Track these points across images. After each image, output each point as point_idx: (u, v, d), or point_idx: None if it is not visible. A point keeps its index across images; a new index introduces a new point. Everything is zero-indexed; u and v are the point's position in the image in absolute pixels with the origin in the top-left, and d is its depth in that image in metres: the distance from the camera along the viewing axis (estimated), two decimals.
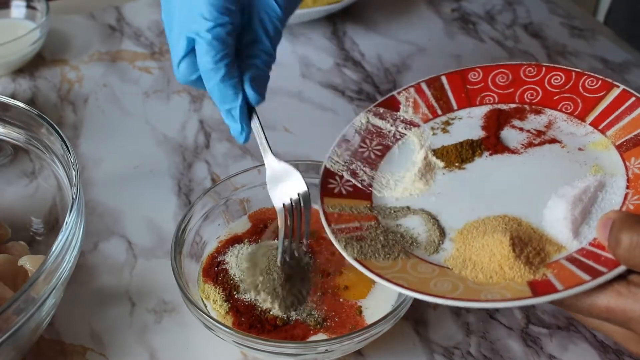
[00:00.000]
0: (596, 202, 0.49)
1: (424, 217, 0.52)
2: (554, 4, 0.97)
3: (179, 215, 0.67)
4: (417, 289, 0.46)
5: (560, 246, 0.48)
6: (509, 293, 0.44)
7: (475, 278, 0.47)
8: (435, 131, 0.59)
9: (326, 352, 0.50)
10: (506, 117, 0.58)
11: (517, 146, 0.55)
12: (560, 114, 0.57)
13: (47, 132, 0.58)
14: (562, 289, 0.43)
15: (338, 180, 0.56)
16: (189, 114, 0.80)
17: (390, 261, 0.49)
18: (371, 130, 0.59)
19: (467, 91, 0.60)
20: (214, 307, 0.55)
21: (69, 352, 0.56)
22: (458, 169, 0.55)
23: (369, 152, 0.58)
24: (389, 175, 0.57)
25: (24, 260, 0.55)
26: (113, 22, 0.95)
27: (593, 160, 0.52)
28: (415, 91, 0.61)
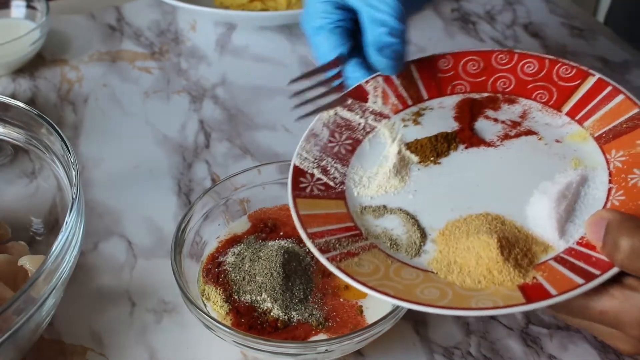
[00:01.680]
0: (579, 198, 0.48)
1: (402, 217, 0.51)
2: (554, 4, 0.97)
3: (179, 215, 0.67)
4: (404, 297, 0.44)
5: (547, 246, 0.46)
6: (501, 300, 0.43)
7: (463, 283, 0.45)
8: (407, 123, 0.57)
9: (326, 352, 0.50)
10: (479, 107, 0.56)
11: (492, 138, 0.54)
12: (535, 104, 0.55)
13: (47, 132, 0.58)
14: (556, 293, 0.42)
15: (309, 178, 0.53)
16: (189, 114, 0.80)
17: (372, 266, 0.47)
18: (340, 123, 0.57)
19: (438, 80, 0.58)
20: (214, 307, 0.55)
21: (69, 352, 0.56)
22: (434, 164, 0.54)
23: (338, 147, 0.56)
24: (361, 171, 0.55)
25: (24, 260, 0.55)
26: (113, 22, 0.95)
27: (572, 152, 0.51)
28: (384, 80, 0.58)
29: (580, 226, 0.47)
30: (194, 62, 0.88)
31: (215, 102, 0.82)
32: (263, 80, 0.85)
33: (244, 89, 0.84)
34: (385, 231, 0.50)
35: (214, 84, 0.84)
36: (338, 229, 0.50)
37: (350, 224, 0.51)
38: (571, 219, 0.47)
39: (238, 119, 0.79)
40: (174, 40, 0.92)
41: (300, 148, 0.55)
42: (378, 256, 0.49)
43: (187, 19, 0.95)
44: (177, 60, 0.88)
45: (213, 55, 0.89)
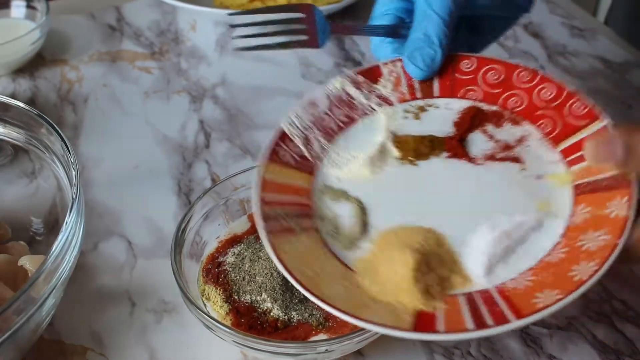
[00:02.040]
0: (524, 242, 0.46)
1: (355, 207, 0.50)
2: (554, 4, 0.97)
3: (179, 215, 0.67)
4: (307, 285, 0.43)
5: (469, 280, 0.45)
6: (390, 319, 0.42)
7: (370, 290, 0.45)
8: (408, 115, 0.55)
9: (326, 352, 0.50)
10: (482, 119, 0.54)
11: (477, 155, 0.52)
12: (536, 132, 0.52)
13: (47, 132, 0.58)
14: (442, 331, 0.41)
15: (288, 146, 0.53)
16: (189, 114, 0.80)
17: (301, 248, 0.47)
18: (343, 98, 0.56)
19: (454, 80, 0.56)
20: (214, 307, 0.55)
21: (69, 352, 0.56)
22: (410, 164, 0.52)
23: (331, 122, 0.55)
24: (342, 152, 0.54)
25: (24, 260, 0.55)
26: (113, 22, 0.95)
27: (545, 194, 0.48)
28: (402, 66, 0.56)
29: (511, 271, 0.45)
30: (194, 62, 0.88)
31: (215, 102, 0.82)
32: (263, 80, 0.85)
33: (244, 89, 0.84)
34: (335, 217, 0.50)
35: (214, 84, 0.84)
36: (291, 202, 0.50)
37: (305, 201, 0.50)
38: (505, 260, 0.45)
39: (238, 119, 0.79)
40: (174, 40, 0.92)
41: (292, 113, 0.54)
42: (313, 241, 0.48)
43: (187, 19, 0.95)
44: (177, 60, 0.88)
45: (213, 55, 0.89)
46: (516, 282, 0.44)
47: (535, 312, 0.41)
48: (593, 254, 0.42)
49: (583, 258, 0.43)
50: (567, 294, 0.41)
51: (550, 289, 0.42)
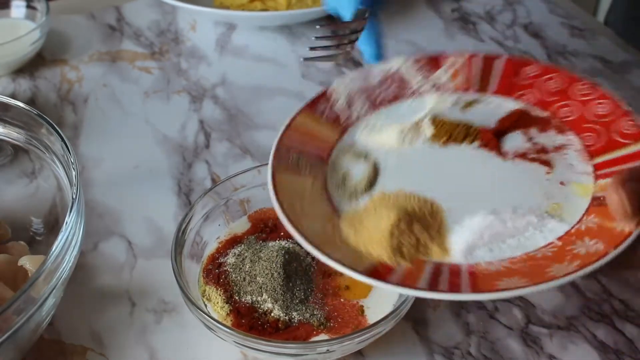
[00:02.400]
0: (519, 236, 0.46)
1: (369, 169, 0.52)
2: (553, 4, 0.97)
3: (179, 215, 0.67)
4: (290, 214, 0.47)
5: (446, 252, 0.46)
6: (350, 260, 0.44)
7: (345, 234, 0.47)
8: (456, 105, 0.57)
9: (327, 352, 0.50)
10: (528, 122, 0.55)
11: (509, 151, 0.53)
12: (577, 143, 0.52)
13: (47, 132, 0.58)
14: (392, 282, 0.43)
15: (330, 102, 0.56)
16: (189, 114, 0.80)
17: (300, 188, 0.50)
18: (398, 76, 0.58)
19: (514, 82, 0.57)
20: (215, 308, 0.55)
21: (69, 352, 0.56)
22: (440, 145, 0.54)
23: (380, 94, 0.57)
24: (381, 120, 0.56)
25: (24, 260, 0.55)
26: (113, 22, 0.95)
27: (562, 198, 0.49)
28: (467, 59, 0.58)
29: (491, 256, 0.45)
30: (194, 62, 0.88)
31: (215, 102, 0.82)
32: (263, 80, 0.85)
33: (244, 89, 0.84)
34: (347, 171, 0.52)
35: (214, 84, 0.84)
36: (310, 150, 0.53)
37: (324, 153, 0.53)
38: (490, 246, 0.46)
39: (238, 119, 0.79)
40: (174, 40, 0.92)
41: (347, 75, 0.57)
42: (317, 186, 0.51)
43: (187, 19, 0.95)
44: (177, 60, 0.88)
45: (213, 55, 0.89)
46: (491, 265, 0.45)
47: (490, 291, 0.42)
48: (578, 257, 0.43)
49: (567, 260, 0.43)
50: (533, 284, 0.41)
51: (519, 277, 0.43)
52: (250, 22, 0.93)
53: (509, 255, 0.45)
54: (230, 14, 0.90)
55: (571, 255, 0.43)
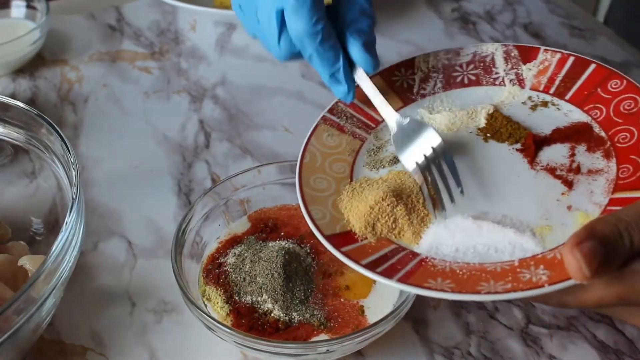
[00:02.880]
0: (491, 246, 0.46)
1: (404, 145, 0.53)
2: (553, 4, 0.97)
3: (179, 215, 0.67)
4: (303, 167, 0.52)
5: (415, 241, 0.48)
6: (324, 223, 0.48)
7: (342, 197, 0.51)
8: (527, 103, 0.57)
9: (327, 352, 0.50)
10: (582, 138, 0.53)
11: (542, 162, 0.52)
12: (614, 172, 0.50)
13: (47, 132, 0.58)
14: (343, 251, 0.46)
15: (406, 73, 0.58)
16: (189, 114, 0.80)
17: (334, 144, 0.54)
18: (485, 61, 0.59)
19: (592, 93, 0.55)
20: (215, 308, 0.55)
21: (69, 352, 0.56)
22: (483, 139, 0.54)
23: (460, 75, 0.58)
24: (447, 102, 0.57)
25: (24, 260, 0.55)
26: (113, 22, 0.95)
27: (557, 223, 0.47)
28: (558, 59, 0.57)
29: (450, 257, 0.46)
30: (194, 62, 0.88)
31: (215, 102, 0.82)
32: (263, 80, 0.85)
33: (244, 89, 0.84)
34: (386, 141, 0.55)
35: (214, 84, 0.84)
36: (365, 112, 0.57)
37: (379, 118, 0.56)
38: (457, 246, 0.47)
39: (238, 119, 0.79)
40: (174, 40, 0.92)
41: (434, 52, 0.59)
42: (351, 145, 0.55)
43: (187, 19, 0.95)
44: (177, 60, 0.88)
45: (213, 55, 0.89)
46: (443, 263, 0.46)
47: (412, 285, 0.44)
48: (515, 281, 0.43)
49: (504, 280, 0.43)
50: (451, 292, 0.43)
51: (450, 281, 0.44)
52: None
53: (467, 260, 0.46)
54: (230, 14, 0.90)
55: (512, 278, 0.43)
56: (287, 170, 0.62)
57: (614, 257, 0.40)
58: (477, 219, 0.48)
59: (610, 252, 0.40)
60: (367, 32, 0.52)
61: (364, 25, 0.52)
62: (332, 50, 0.51)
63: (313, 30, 0.50)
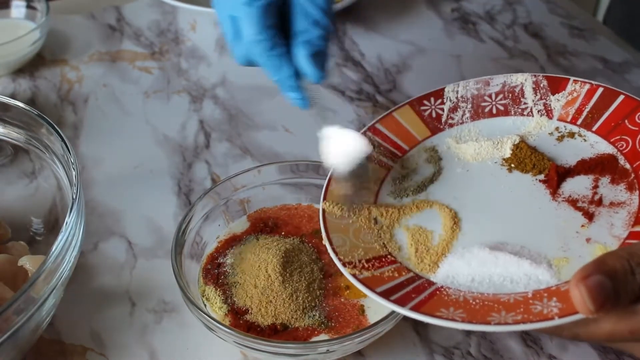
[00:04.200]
0: (507, 276, 0.46)
1: (430, 174, 0.55)
2: (553, 4, 0.97)
3: (179, 215, 0.67)
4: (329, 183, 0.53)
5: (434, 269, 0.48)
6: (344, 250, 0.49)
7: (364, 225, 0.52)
8: (554, 133, 0.57)
9: (327, 352, 0.50)
10: (606, 170, 0.53)
11: (564, 193, 0.53)
12: (636, 205, 0.50)
13: (47, 132, 0.58)
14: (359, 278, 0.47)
15: (435, 102, 0.59)
16: (189, 114, 0.80)
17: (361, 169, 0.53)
18: (514, 91, 0.59)
19: (620, 125, 0.55)
20: (213, 308, 0.55)
21: (69, 352, 0.56)
22: (507, 170, 0.55)
23: (488, 105, 0.59)
24: (475, 132, 0.58)
25: (24, 260, 0.55)
26: (113, 22, 0.95)
27: (575, 255, 0.48)
28: (587, 90, 0.57)
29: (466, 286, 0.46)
30: (194, 62, 0.88)
31: (215, 102, 0.82)
32: (263, 80, 0.84)
33: (244, 89, 0.84)
34: (413, 170, 0.56)
35: (214, 84, 0.84)
36: (393, 141, 0.58)
37: (405, 147, 0.57)
38: (474, 277, 0.47)
39: (238, 119, 0.79)
40: (174, 40, 0.92)
41: (463, 82, 0.60)
42: (376, 172, 0.56)
43: (187, 19, 0.95)
44: (177, 60, 0.88)
45: (213, 55, 0.89)
46: (457, 293, 0.46)
47: (424, 313, 0.44)
48: (526, 312, 0.43)
49: (516, 311, 0.43)
50: (461, 321, 0.43)
51: (462, 311, 0.44)
52: None
53: (482, 291, 0.46)
54: None
55: (524, 309, 0.43)
56: (287, 170, 0.62)
57: (623, 293, 0.39)
58: (494, 250, 0.48)
59: (619, 287, 0.39)
60: (315, 43, 0.51)
61: (312, 36, 0.50)
62: (279, 59, 0.51)
63: (259, 37, 0.50)
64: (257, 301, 0.54)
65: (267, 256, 0.56)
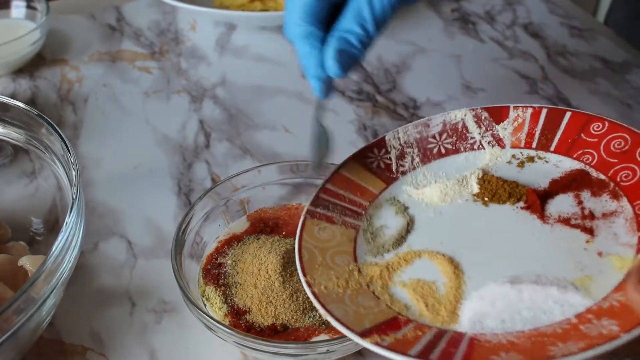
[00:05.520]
0: (536, 309, 0.44)
1: (403, 224, 0.52)
2: (554, 4, 0.97)
3: (179, 215, 0.67)
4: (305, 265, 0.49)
5: (455, 319, 0.45)
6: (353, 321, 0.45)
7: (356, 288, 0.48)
8: (513, 161, 0.56)
9: (327, 352, 0.50)
10: (582, 185, 0.52)
11: (553, 215, 0.51)
12: (629, 211, 0.49)
13: (47, 132, 0.58)
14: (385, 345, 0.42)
15: (380, 153, 0.56)
16: (189, 114, 0.80)
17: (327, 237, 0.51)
18: (457, 128, 0.57)
19: (576, 139, 0.54)
20: (213, 309, 0.55)
21: (69, 352, 0.56)
22: (482, 204, 0.53)
23: (435, 146, 0.57)
24: (430, 175, 0.56)
25: (24, 260, 0.55)
26: (113, 22, 0.95)
27: (595, 271, 0.46)
28: (531, 114, 0.56)
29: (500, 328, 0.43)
30: (194, 62, 0.88)
31: (215, 102, 0.82)
32: (263, 80, 0.85)
33: (244, 89, 0.84)
34: (381, 226, 0.53)
35: (214, 84, 0.84)
36: (350, 199, 0.54)
37: (364, 203, 0.54)
38: (502, 316, 0.44)
39: (238, 119, 0.79)
40: (174, 40, 0.92)
41: (402, 128, 0.58)
42: (346, 235, 0.52)
43: (187, 19, 0.95)
44: (177, 60, 0.88)
45: (213, 55, 0.89)
46: (495, 337, 0.43)
47: None
48: (585, 337, 0.40)
49: (572, 339, 0.41)
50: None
51: (517, 353, 0.41)
52: (250, 22, 0.93)
53: (519, 329, 0.43)
54: (230, 14, 0.90)
55: (580, 335, 0.41)
56: (287, 170, 0.62)
57: None
58: (515, 283, 0.45)
59: None
60: (349, 42, 0.51)
61: (351, 35, 0.51)
62: (311, 46, 0.52)
63: (300, 22, 0.52)
64: (257, 301, 0.54)
65: (267, 256, 0.56)
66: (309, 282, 0.48)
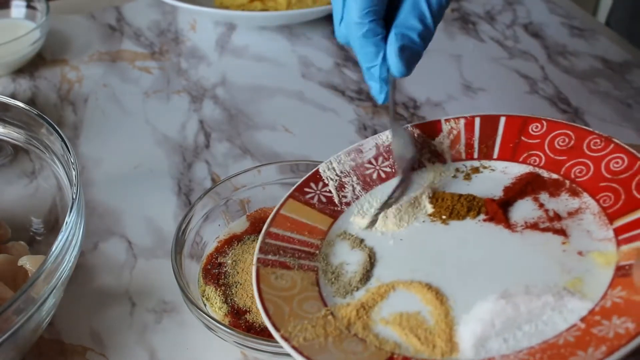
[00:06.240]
0: (535, 320, 0.41)
1: (364, 258, 0.49)
2: (554, 4, 0.97)
3: (179, 215, 0.67)
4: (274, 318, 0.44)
5: (455, 348, 0.41)
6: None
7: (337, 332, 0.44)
8: (458, 175, 0.54)
9: None
10: (537, 187, 0.51)
11: (518, 222, 0.49)
12: (594, 206, 0.47)
13: (47, 132, 0.58)
14: None
15: (318, 187, 0.53)
16: (189, 114, 0.80)
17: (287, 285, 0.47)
18: (391, 149, 0.55)
19: (518, 143, 0.53)
20: (213, 308, 0.55)
21: (69, 352, 0.56)
22: (441, 223, 0.50)
23: (373, 171, 0.54)
24: (375, 202, 0.53)
25: (24, 260, 0.55)
26: (113, 22, 0.95)
27: (582, 272, 0.44)
28: (465, 124, 0.54)
29: (506, 348, 0.41)
30: (194, 62, 0.88)
31: (215, 102, 0.82)
32: (263, 80, 0.85)
33: (244, 89, 0.84)
34: (340, 264, 0.49)
35: (214, 84, 0.84)
36: (300, 240, 0.50)
37: (315, 242, 0.50)
38: (504, 335, 0.41)
39: (238, 119, 0.79)
40: (174, 40, 0.92)
41: (334, 157, 0.54)
42: (307, 280, 0.48)
43: (187, 19, 0.95)
44: (177, 60, 0.88)
45: (213, 55, 0.89)
46: (506, 359, 0.40)
47: None
48: (604, 341, 0.38)
49: (593, 344, 0.38)
50: None
51: None
52: (250, 22, 0.93)
53: (527, 345, 0.41)
54: (230, 14, 0.90)
55: (596, 339, 0.39)
56: (287, 170, 0.62)
57: None
58: (507, 297, 0.43)
59: None
60: (411, 38, 0.50)
61: (411, 30, 0.50)
62: (374, 47, 0.51)
63: (361, 21, 0.50)
64: None
65: None
66: (284, 337, 0.42)
